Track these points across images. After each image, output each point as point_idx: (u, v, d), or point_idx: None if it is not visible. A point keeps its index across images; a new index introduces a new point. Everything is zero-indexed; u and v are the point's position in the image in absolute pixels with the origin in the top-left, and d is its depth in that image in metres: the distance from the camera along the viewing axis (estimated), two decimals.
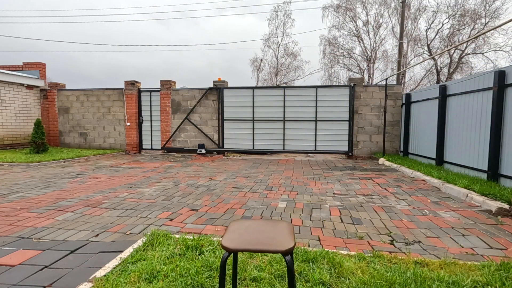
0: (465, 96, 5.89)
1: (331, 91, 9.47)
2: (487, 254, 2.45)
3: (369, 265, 2.12)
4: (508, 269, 2.01)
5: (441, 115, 6.66)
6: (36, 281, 1.97)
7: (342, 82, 21.52)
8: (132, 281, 1.89)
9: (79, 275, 2.03)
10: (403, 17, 14.89)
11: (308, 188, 5.00)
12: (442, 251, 2.52)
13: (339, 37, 21.10)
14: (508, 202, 3.70)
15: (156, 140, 10.66)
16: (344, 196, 4.47)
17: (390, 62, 20.67)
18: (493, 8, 16.91)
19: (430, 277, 1.91)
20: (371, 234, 2.92)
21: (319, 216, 3.48)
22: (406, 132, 8.68)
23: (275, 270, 2.03)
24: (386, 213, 3.59)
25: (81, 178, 5.81)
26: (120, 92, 10.75)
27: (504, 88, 4.80)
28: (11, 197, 4.29)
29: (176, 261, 2.14)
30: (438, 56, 18.82)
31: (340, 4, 20.22)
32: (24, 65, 11.28)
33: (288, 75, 21.94)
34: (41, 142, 9.11)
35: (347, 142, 9.39)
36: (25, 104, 10.79)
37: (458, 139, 6.08)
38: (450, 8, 18.07)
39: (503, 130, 4.79)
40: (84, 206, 3.81)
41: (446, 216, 3.48)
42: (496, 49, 17.55)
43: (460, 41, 17.55)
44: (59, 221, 3.23)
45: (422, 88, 15.71)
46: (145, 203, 3.99)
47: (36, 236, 2.80)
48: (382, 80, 15.97)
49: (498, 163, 4.84)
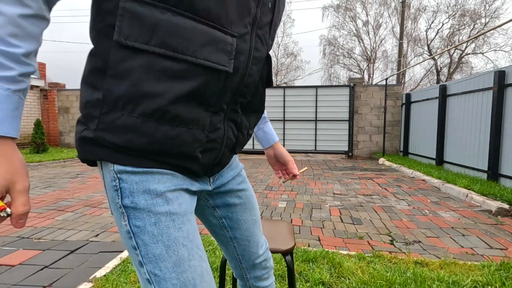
0: (465, 96, 5.90)
1: (331, 91, 9.48)
2: (487, 254, 2.45)
3: (369, 265, 2.12)
4: (508, 269, 2.01)
5: (441, 115, 6.66)
6: (36, 281, 1.97)
7: (342, 82, 21.53)
8: (132, 281, 1.89)
9: (79, 275, 2.03)
10: (403, 17, 14.89)
11: (308, 188, 5.00)
12: (442, 251, 2.52)
13: (339, 37, 21.13)
14: (508, 202, 3.70)
15: None
16: (344, 196, 4.47)
17: (390, 62, 20.70)
18: (493, 8, 16.92)
19: (430, 277, 1.91)
20: (371, 234, 2.92)
21: (319, 216, 3.48)
22: (406, 132, 8.68)
23: (275, 270, 2.03)
24: (386, 213, 3.59)
25: (81, 178, 5.81)
26: None
27: (504, 88, 4.80)
28: None
29: None
30: (438, 56, 18.83)
31: (340, 4, 20.21)
32: None
33: (288, 75, 21.94)
34: (41, 142, 9.11)
35: (347, 142, 9.40)
36: (25, 104, 10.78)
37: (458, 139, 6.08)
38: (450, 8, 18.09)
39: (503, 130, 4.79)
40: (84, 206, 3.82)
41: (446, 216, 3.48)
42: (496, 49, 17.56)
43: (460, 41, 17.56)
44: (59, 221, 3.23)
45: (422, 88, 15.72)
46: None
47: (36, 236, 2.80)
48: (382, 80, 15.98)
49: (498, 163, 4.84)
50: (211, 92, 0.58)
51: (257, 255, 0.87)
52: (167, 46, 0.52)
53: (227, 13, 0.55)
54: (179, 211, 0.60)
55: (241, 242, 0.84)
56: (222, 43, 0.56)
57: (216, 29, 0.55)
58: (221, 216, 0.81)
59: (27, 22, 0.49)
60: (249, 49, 0.61)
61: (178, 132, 0.56)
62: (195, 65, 0.54)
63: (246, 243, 0.84)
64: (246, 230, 0.83)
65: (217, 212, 0.81)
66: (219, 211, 0.80)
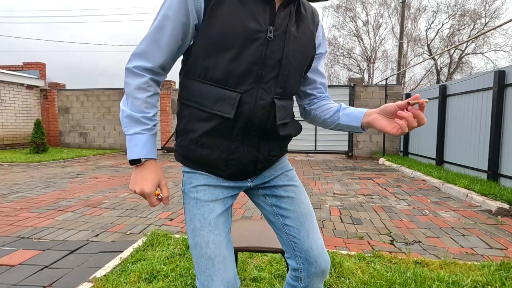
0: (465, 96, 5.90)
1: (331, 91, 9.47)
2: (487, 254, 2.45)
3: (369, 265, 2.12)
4: (508, 269, 2.02)
5: (441, 115, 6.66)
6: (36, 281, 1.97)
7: (342, 82, 21.53)
8: (132, 281, 1.89)
9: (79, 275, 2.03)
10: (403, 17, 14.89)
11: (308, 188, 5.00)
12: (442, 251, 2.52)
13: (339, 37, 21.22)
14: (508, 202, 3.70)
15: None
16: (344, 196, 4.47)
17: (390, 62, 20.71)
18: (493, 8, 16.92)
19: (430, 277, 1.91)
20: (371, 234, 2.92)
21: (319, 216, 3.48)
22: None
23: (275, 270, 2.03)
24: (386, 213, 3.59)
25: (81, 178, 5.81)
26: (120, 92, 10.75)
27: (504, 88, 4.80)
28: (11, 197, 4.29)
29: (176, 261, 2.14)
30: (438, 56, 18.83)
31: (340, 4, 20.22)
32: (24, 65, 11.28)
33: None
34: (41, 142, 9.11)
35: (347, 142, 9.40)
36: (25, 104, 10.79)
37: (458, 139, 6.08)
38: (450, 8, 18.09)
39: (503, 130, 4.79)
40: (84, 206, 3.82)
41: (446, 216, 3.48)
42: (496, 49, 17.57)
43: (460, 41, 17.56)
44: (59, 221, 3.23)
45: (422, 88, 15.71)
46: (145, 203, 3.99)
47: (36, 236, 2.80)
48: (382, 80, 15.98)
49: (498, 163, 4.84)
50: (225, 129, 0.87)
51: (309, 247, 0.98)
52: (198, 103, 0.87)
53: (233, 79, 0.83)
54: (202, 198, 0.92)
55: (292, 230, 0.99)
56: (228, 99, 0.84)
57: (225, 89, 0.84)
58: (272, 204, 1.02)
59: (150, 99, 0.86)
60: (254, 99, 0.86)
61: (207, 152, 0.90)
62: (212, 114, 0.86)
63: (296, 231, 0.99)
64: (296, 219, 0.99)
65: (268, 200, 1.03)
66: (269, 199, 1.03)
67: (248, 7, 0.82)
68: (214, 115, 0.85)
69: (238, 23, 0.80)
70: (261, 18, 0.83)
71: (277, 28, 0.85)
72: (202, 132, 0.87)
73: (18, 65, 11.30)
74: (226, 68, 0.82)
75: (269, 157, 0.96)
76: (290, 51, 0.88)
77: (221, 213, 0.93)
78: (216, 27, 0.81)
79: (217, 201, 0.93)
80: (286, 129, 0.97)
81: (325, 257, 1.00)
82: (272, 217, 1.03)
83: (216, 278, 0.87)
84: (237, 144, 0.90)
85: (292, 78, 0.92)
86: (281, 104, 0.91)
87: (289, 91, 0.93)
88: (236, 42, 0.81)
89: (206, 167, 0.93)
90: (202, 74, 0.85)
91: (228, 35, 0.80)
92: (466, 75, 15.94)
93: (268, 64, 0.85)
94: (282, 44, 0.86)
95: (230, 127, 0.87)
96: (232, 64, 0.82)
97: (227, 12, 0.80)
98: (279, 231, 1.03)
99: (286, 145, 1.03)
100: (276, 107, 0.89)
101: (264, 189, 1.03)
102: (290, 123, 0.99)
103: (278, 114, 0.90)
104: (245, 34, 0.81)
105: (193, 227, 0.90)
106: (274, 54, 0.85)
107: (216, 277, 0.87)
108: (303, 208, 1.01)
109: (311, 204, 1.06)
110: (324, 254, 1.00)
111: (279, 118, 0.91)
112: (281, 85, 0.89)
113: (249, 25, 0.81)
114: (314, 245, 0.98)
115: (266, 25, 0.83)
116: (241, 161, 0.92)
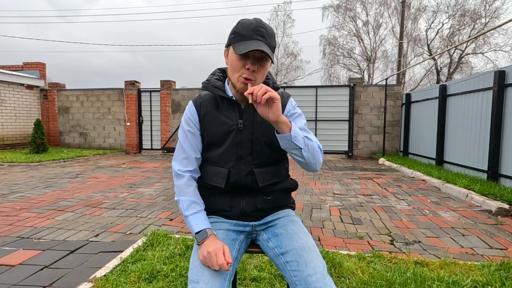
0: (465, 96, 5.90)
1: (331, 91, 9.48)
2: (487, 254, 2.45)
3: (369, 265, 2.12)
4: (508, 269, 2.02)
5: (441, 115, 6.66)
6: (36, 281, 1.97)
7: (342, 82, 21.53)
8: (132, 281, 1.89)
9: (79, 275, 2.03)
10: (403, 17, 14.88)
11: (308, 188, 5.00)
12: (442, 251, 2.52)
13: (339, 37, 21.11)
14: (508, 202, 3.70)
15: (156, 140, 10.66)
16: (344, 196, 4.47)
17: (390, 62, 20.69)
18: (493, 8, 16.92)
19: (430, 277, 1.91)
20: (371, 234, 2.92)
21: (319, 216, 3.48)
22: (406, 132, 8.68)
23: (275, 270, 2.03)
24: (386, 213, 3.59)
25: (81, 178, 5.81)
26: (120, 92, 10.75)
27: (504, 88, 4.80)
28: (11, 197, 4.29)
29: (176, 261, 2.14)
30: (438, 56, 18.83)
31: (340, 4, 20.21)
32: (24, 65, 11.28)
33: (288, 75, 21.93)
34: (41, 142, 9.11)
35: (347, 142, 9.40)
36: (25, 104, 10.79)
37: (458, 139, 6.08)
38: (450, 8, 18.09)
39: (503, 130, 4.79)
40: (84, 206, 3.82)
41: (446, 216, 3.48)
42: (496, 49, 17.57)
43: (460, 41, 17.56)
44: (59, 221, 3.23)
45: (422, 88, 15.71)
46: (145, 203, 4.00)
47: (36, 236, 2.80)
48: (382, 80, 15.98)
49: (498, 163, 4.84)
50: (223, 191, 1.17)
51: (307, 275, 0.97)
52: (205, 179, 1.20)
53: (223, 160, 1.16)
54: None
55: (292, 265, 1.03)
56: (220, 173, 1.15)
57: (219, 167, 1.16)
58: (274, 246, 1.12)
59: (194, 204, 1.14)
60: (239, 171, 1.15)
61: (216, 200, 1.20)
62: (211, 185, 1.17)
63: (296, 264, 1.02)
64: (295, 253, 1.04)
65: (270, 243, 1.14)
66: (271, 242, 1.14)
67: (223, 112, 1.16)
68: (213, 186, 1.17)
69: (219, 124, 1.16)
70: (232, 116, 1.15)
71: (245, 119, 1.15)
72: (212, 196, 1.23)
73: (18, 65, 11.30)
74: (217, 153, 1.17)
75: (265, 199, 1.20)
76: (258, 133, 1.15)
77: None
78: (207, 132, 1.18)
79: (225, 239, 1.14)
80: (274, 187, 1.20)
81: (326, 281, 0.97)
82: (276, 259, 1.10)
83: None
84: (239, 195, 1.19)
85: (265, 151, 1.16)
86: (261, 171, 1.16)
87: (265, 161, 1.17)
88: (220, 135, 1.15)
89: (215, 212, 1.22)
90: (205, 159, 1.22)
91: (214, 134, 1.16)
92: (466, 75, 15.95)
93: (243, 146, 1.14)
94: (251, 129, 1.15)
95: (226, 189, 1.17)
96: (220, 149, 1.16)
97: (211, 120, 1.16)
98: (284, 271, 1.06)
99: (275, 199, 1.22)
100: (255, 174, 1.15)
101: (265, 230, 1.19)
102: (281, 181, 1.22)
103: (259, 179, 1.15)
104: (224, 129, 1.15)
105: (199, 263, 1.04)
106: (246, 138, 1.14)
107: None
108: (301, 243, 1.07)
109: (313, 241, 1.11)
110: (325, 279, 0.96)
111: (260, 181, 1.15)
112: (257, 158, 1.16)
113: (225, 123, 1.15)
114: (313, 272, 0.97)
115: (237, 119, 1.15)
116: (239, 204, 1.19)
